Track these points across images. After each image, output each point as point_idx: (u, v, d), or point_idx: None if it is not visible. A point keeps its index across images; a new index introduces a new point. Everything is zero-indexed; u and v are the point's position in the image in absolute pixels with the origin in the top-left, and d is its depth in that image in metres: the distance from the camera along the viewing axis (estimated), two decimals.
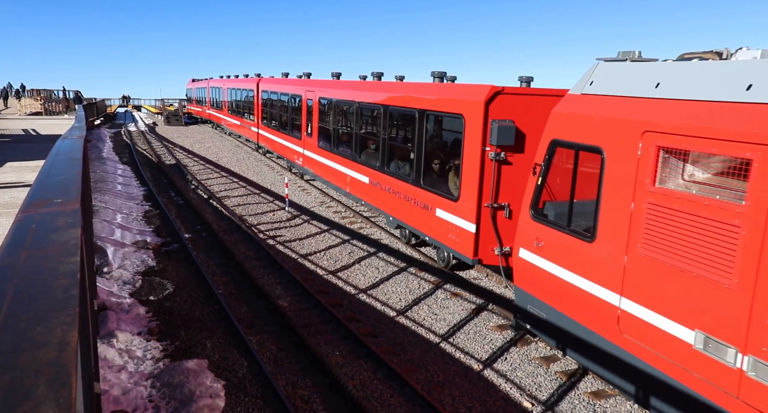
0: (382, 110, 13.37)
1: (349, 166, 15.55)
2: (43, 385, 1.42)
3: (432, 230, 11.52)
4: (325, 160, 17.63)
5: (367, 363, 8.17)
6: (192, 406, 6.75)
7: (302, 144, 20.09)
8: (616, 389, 7.66)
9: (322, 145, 18.00)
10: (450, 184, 10.98)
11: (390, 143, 13.34)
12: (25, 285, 2.13)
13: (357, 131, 15.11)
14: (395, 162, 13.19)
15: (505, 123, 9.50)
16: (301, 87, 20.31)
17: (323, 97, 17.79)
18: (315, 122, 18.53)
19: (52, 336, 1.69)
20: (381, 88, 14.06)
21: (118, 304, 9.47)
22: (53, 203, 3.68)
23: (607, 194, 6.67)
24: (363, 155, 14.81)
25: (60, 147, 7.83)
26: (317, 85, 18.85)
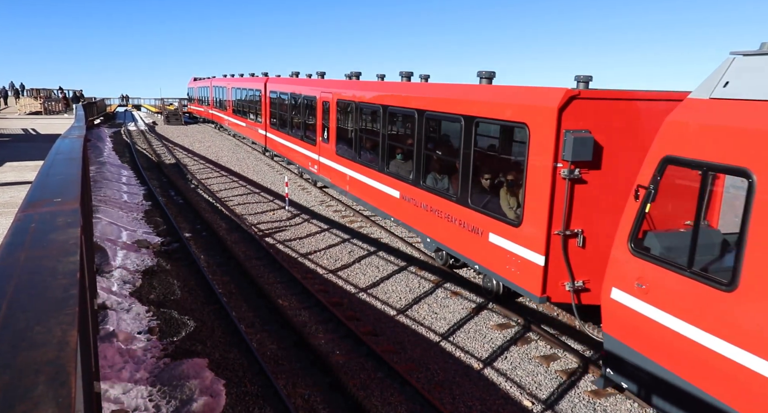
0: (417, 116, 11.63)
1: (374, 177, 13.84)
2: (42, 385, 1.42)
3: (483, 258, 9.79)
4: (344, 169, 15.80)
5: (367, 362, 8.17)
6: (192, 405, 6.75)
7: (317, 150, 18.27)
8: (616, 388, 7.67)
9: (341, 152, 16.13)
10: (503, 203, 9.42)
11: (427, 154, 11.55)
12: (24, 285, 2.13)
13: (384, 139, 13.31)
14: (433, 176, 11.45)
15: (582, 134, 7.88)
16: (316, 88, 18.39)
17: (342, 100, 15.95)
18: (332, 127, 16.71)
19: (52, 336, 1.68)
20: (414, 91, 12.28)
21: (118, 303, 9.48)
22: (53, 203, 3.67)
23: (757, 229, 5.17)
24: (391, 166, 13.08)
25: (59, 146, 7.83)
26: (335, 86, 16.93)
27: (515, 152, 9.65)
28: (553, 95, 8.13)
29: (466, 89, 10.47)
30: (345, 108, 15.96)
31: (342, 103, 16.07)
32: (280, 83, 23.64)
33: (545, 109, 8.15)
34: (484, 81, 10.28)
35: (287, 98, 21.94)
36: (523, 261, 8.77)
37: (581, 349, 8.71)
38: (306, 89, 19.64)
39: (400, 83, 13.37)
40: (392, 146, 13.20)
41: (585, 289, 8.41)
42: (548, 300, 8.61)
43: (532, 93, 8.72)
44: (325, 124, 17.38)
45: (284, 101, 22.53)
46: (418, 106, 11.62)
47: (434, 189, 11.30)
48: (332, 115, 16.70)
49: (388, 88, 13.60)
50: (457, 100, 10.39)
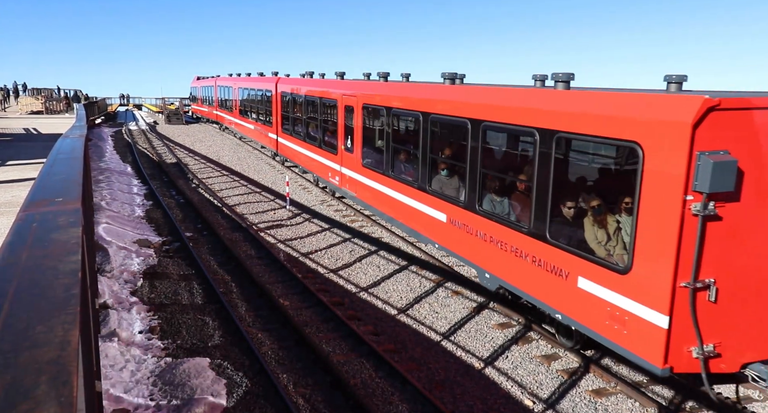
0: (470, 127, 9.59)
1: (412, 195, 11.82)
2: (44, 384, 1.42)
3: (569, 307, 7.78)
4: (374, 183, 13.72)
5: (368, 362, 8.17)
6: (193, 405, 6.76)
7: (339, 160, 16.04)
8: (617, 387, 7.67)
9: (369, 164, 14.04)
10: (597, 240, 7.51)
11: (484, 172, 9.51)
12: (26, 284, 2.14)
13: (425, 152, 11.25)
14: (492, 198, 9.44)
15: (722, 157, 6.09)
16: (337, 90, 16.13)
17: (371, 105, 13.78)
18: (358, 135, 14.59)
19: (54, 335, 1.69)
20: (467, 97, 10.08)
21: (119, 303, 9.49)
22: (54, 203, 3.68)
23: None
24: (435, 184, 11.05)
25: (61, 146, 7.84)
26: (360, 88, 14.74)
27: (619, 176, 7.68)
28: (684, 106, 6.22)
29: (542, 96, 8.41)
30: (373, 114, 13.92)
31: (370, 108, 13.96)
32: (292, 84, 21.38)
33: (672, 124, 6.28)
34: (561, 85, 8.21)
35: (302, 100, 19.80)
36: (634, 319, 6.82)
37: (582, 349, 8.70)
38: (324, 91, 17.42)
39: (446, 87, 11.07)
40: (436, 160, 11.15)
41: (715, 354, 6.61)
42: (671, 372, 6.64)
43: (647, 102, 6.71)
44: (349, 131, 15.20)
45: (298, 103, 20.43)
46: (473, 115, 9.54)
47: (495, 215, 9.23)
48: (357, 121, 14.58)
49: (431, 92, 11.36)
50: (531, 109, 8.35)
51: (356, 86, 15.09)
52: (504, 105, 9.01)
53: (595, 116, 7.21)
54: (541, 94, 8.49)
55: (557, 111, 7.81)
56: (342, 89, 15.82)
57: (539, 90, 8.68)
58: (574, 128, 7.51)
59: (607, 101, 7.26)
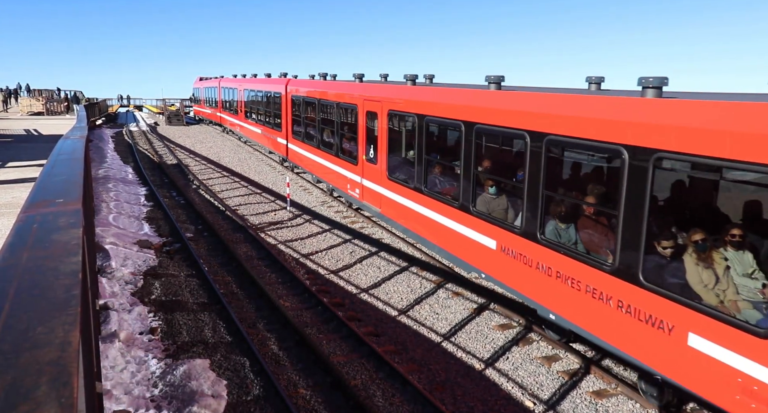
0: (529, 141, 8.12)
1: (453, 216, 10.33)
2: (44, 385, 1.42)
3: (676, 370, 6.30)
4: (403, 200, 12.27)
5: (368, 363, 8.17)
6: (194, 406, 6.76)
7: (359, 171, 14.65)
8: (618, 388, 7.66)
9: (397, 177, 12.68)
10: (719, 290, 6.07)
11: (548, 195, 8.02)
12: (26, 285, 2.14)
13: (468, 167, 9.78)
14: (558, 226, 8.00)
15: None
16: (357, 94, 14.59)
17: (398, 112, 12.36)
18: (383, 145, 13.17)
19: (54, 336, 1.69)
20: (525, 104, 8.50)
21: (120, 304, 9.49)
22: (55, 203, 3.68)
23: None
24: (480, 204, 9.67)
25: (61, 147, 7.84)
26: (385, 92, 13.17)
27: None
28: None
29: (631, 106, 6.83)
30: (402, 121, 12.59)
31: (397, 114, 12.52)
32: (305, 86, 19.93)
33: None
34: (651, 92, 6.81)
35: (315, 104, 18.29)
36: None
37: (583, 350, 8.70)
38: (341, 94, 15.89)
39: (494, 93, 9.59)
40: (481, 176, 9.75)
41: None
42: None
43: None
44: (371, 139, 13.72)
45: (311, 107, 18.94)
46: (534, 126, 8.08)
47: (564, 247, 7.74)
48: (382, 129, 13.15)
49: (475, 98, 9.79)
50: (617, 122, 6.81)
51: (380, 90, 13.47)
52: (577, 116, 7.45)
53: (721, 133, 5.70)
54: (630, 103, 6.89)
55: (659, 125, 6.28)
56: (363, 93, 14.23)
57: (624, 99, 7.06)
58: (687, 147, 5.94)
59: (737, 113, 5.68)
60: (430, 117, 11.09)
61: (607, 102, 7.30)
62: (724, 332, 5.69)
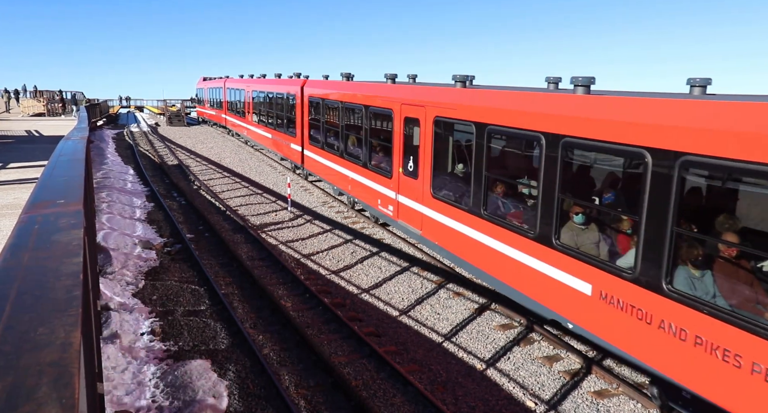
0: (650, 160, 6.41)
1: (527, 249, 8.43)
2: (45, 386, 1.42)
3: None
4: (457, 224, 10.26)
5: (369, 363, 8.17)
6: (195, 406, 6.76)
7: (394, 186, 12.87)
8: (619, 388, 7.66)
9: (446, 196, 10.79)
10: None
11: (677, 232, 6.22)
12: (27, 286, 2.14)
13: (551, 190, 7.85)
14: (691, 274, 6.28)
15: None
16: (394, 97, 12.72)
17: (448, 119, 10.49)
18: (426, 157, 11.32)
19: (55, 337, 1.69)
20: (642, 114, 6.64)
21: (121, 305, 9.50)
22: (56, 204, 3.69)
23: None
24: (567, 235, 7.80)
25: (62, 148, 7.85)
26: (429, 95, 11.28)
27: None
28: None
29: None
30: (452, 130, 10.76)
31: (446, 122, 10.67)
32: (325, 88, 18.09)
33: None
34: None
35: (338, 108, 16.47)
36: None
37: (584, 350, 8.70)
38: (371, 98, 14.09)
39: (586, 98, 7.66)
40: (568, 202, 7.87)
41: None
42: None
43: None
44: (411, 150, 12.04)
45: (333, 112, 17.20)
46: (663, 144, 6.23)
47: (708, 306, 5.85)
48: (425, 138, 11.31)
49: (560, 106, 7.88)
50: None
51: (424, 93, 11.58)
52: (749, 131, 5.42)
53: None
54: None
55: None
56: (401, 96, 12.41)
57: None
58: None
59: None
60: (494, 127, 9.15)
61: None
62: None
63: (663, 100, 6.63)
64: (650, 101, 6.73)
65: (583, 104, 7.60)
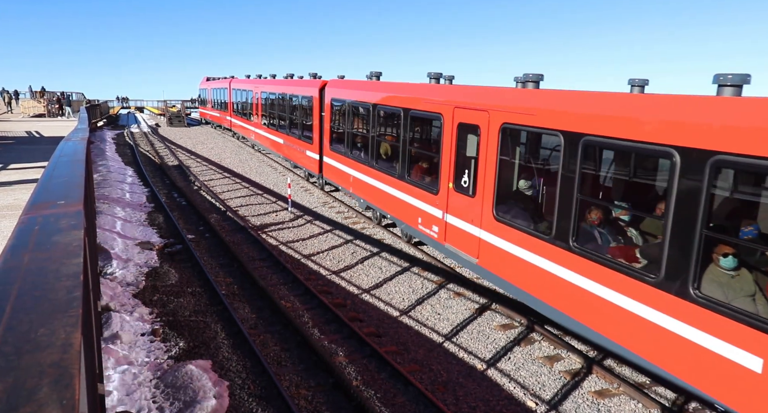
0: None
1: (651, 300, 6.50)
2: (46, 386, 1.42)
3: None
4: (533, 257, 8.45)
5: (370, 363, 8.17)
6: (196, 407, 6.76)
7: (441, 203, 11.03)
8: (620, 388, 7.65)
9: (514, 220, 8.94)
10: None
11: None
12: (28, 287, 2.14)
13: (694, 225, 5.97)
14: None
15: None
16: (444, 100, 10.82)
17: (521, 127, 8.70)
18: (488, 171, 9.45)
19: (56, 338, 1.69)
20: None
21: (121, 305, 9.50)
22: (56, 205, 3.69)
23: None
24: (710, 285, 6.10)
25: (63, 149, 7.85)
26: (497, 97, 9.40)
27: None
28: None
29: None
30: (526, 140, 9.34)
31: (518, 131, 9.03)
32: (351, 89, 16.05)
33: None
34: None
35: (368, 112, 14.48)
36: None
37: (585, 349, 8.69)
38: (413, 100, 12.16)
39: (735, 101, 5.92)
40: (715, 240, 6.16)
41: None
42: None
43: None
44: (465, 162, 10.23)
45: (361, 116, 15.41)
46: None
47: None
48: (487, 149, 9.44)
49: (713, 112, 5.93)
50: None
51: (486, 95, 9.79)
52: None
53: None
54: None
55: None
56: (453, 99, 10.58)
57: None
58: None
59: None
60: (594, 138, 7.23)
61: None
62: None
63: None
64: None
65: (745, 111, 5.60)
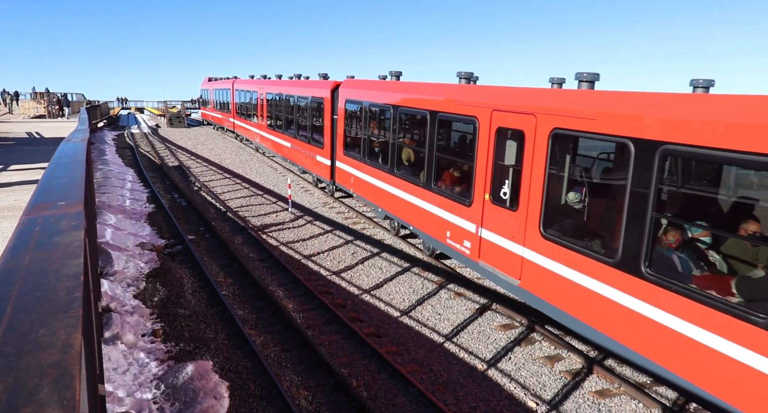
0: None
1: (755, 343, 5.41)
2: (47, 387, 1.42)
3: None
4: (591, 282, 7.39)
5: (371, 363, 8.17)
6: (196, 407, 6.76)
7: (475, 216, 9.91)
8: (620, 388, 7.65)
9: (566, 238, 7.90)
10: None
11: None
12: (28, 288, 2.14)
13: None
14: None
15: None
16: (481, 103, 9.67)
17: (576, 132, 7.63)
18: (535, 182, 8.36)
19: (56, 338, 1.69)
20: None
21: (122, 306, 9.49)
22: (56, 206, 3.69)
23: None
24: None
25: (63, 150, 7.85)
26: (546, 99, 8.34)
27: None
28: None
29: None
30: (582, 148, 8.42)
31: (573, 138, 8.03)
32: (369, 90, 14.79)
33: None
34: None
35: (388, 115, 13.39)
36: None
37: (585, 349, 8.69)
38: (443, 103, 10.93)
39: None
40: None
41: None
42: None
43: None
44: (504, 172, 9.11)
45: (381, 119, 14.25)
46: None
47: None
48: (535, 158, 8.31)
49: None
50: None
51: (529, 97, 8.68)
52: None
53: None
54: None
55: None
56: (490, 101, 9.47)
57: None
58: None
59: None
60: (680, 148, 6.14)
61: None
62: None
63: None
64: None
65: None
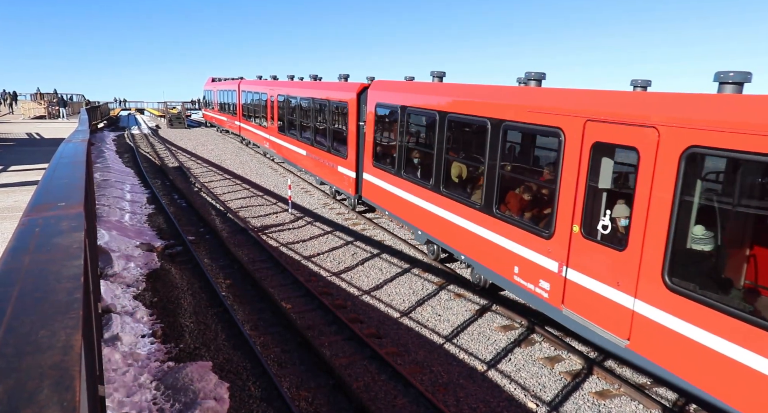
0: None
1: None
2: (47, 388, 1.42)
3: None
4: (747, 356, 5.53)
5: (371, 364, 8.17)
6: (196, 408, 6.75)
7: (558, 252, 8.15)
8: (621, 389, 7.65)
9: (705, 294, 6.04)
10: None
11: None
12: (28, 289, 2.14)
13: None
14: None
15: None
16: (570, 110, 7.84)
17: (726, 152, 5.79)
18: (657, 215, 6.55)
19: (56, 340, 1.69)
20: None
21: (122, 307, 9.49)
22: (57, 207, 3.69)
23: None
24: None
25: (63, 150, 7.85)
26: (672, 107, 6.47)
27: None
28: None
29: None
30: (735, 173, 6.30)
31: (717, 157, 6.10)
32: (405, 93, 13.04)
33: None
34: None
35: (433, 122, 11.47)
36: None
37: (585, 350, 8.69)
38: (513, 109, 9.08)
39: None
40: None
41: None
42: None
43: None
44: (607, 200, 7.44)
45: (424, 127, 12.66)
46: None
47: None
48: (657, 184, 6.54)
49: None
50: None
51: (647, 104, 6.82)
52: None
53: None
54: None
55: None
56: (582, 108, 7.66)
57: None
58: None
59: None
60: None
61: None
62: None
63: None
64: None
65: None
